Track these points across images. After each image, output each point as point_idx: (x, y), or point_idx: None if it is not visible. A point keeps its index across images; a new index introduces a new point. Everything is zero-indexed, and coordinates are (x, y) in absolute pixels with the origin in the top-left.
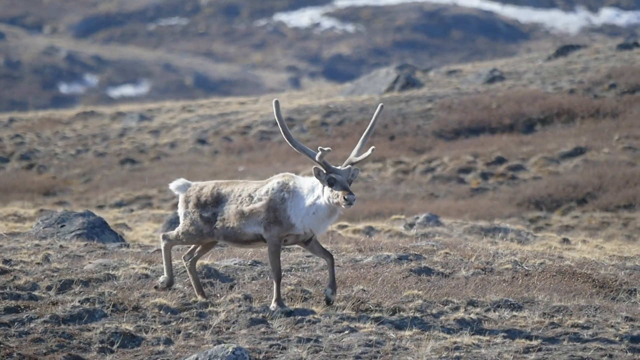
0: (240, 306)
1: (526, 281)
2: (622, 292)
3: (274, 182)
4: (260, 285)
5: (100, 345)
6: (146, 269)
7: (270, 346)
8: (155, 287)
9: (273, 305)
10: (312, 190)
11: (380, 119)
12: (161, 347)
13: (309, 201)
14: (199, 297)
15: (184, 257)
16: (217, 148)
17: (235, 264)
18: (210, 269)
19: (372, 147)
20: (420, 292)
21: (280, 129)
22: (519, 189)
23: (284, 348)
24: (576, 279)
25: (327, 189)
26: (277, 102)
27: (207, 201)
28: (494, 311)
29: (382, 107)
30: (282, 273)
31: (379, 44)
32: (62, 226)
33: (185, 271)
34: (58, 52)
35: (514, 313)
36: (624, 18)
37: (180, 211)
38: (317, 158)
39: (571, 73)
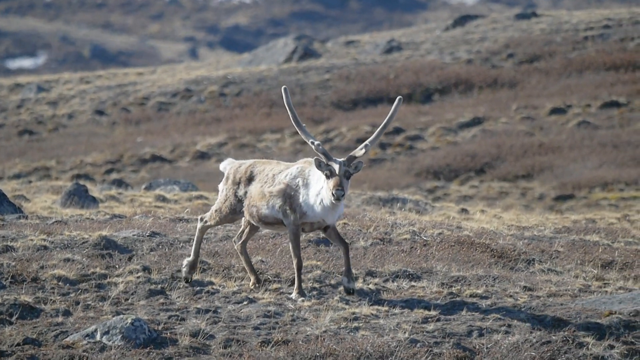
0: (139, 277)
1: (425, 251)
2: (520, 262)
3: (294, 167)
4: (159, 257)
5: None
6: (45, 240)
7: (169, 317)
8: (179, 272)
9: (295, 295)
10: (320, 178)
11: (397, 113)
12: (60, 319)
13: (316, 190)
14: (252, 279)
15: (234, 240)
16: (115, 119)
17: (134, 235)
18: (109, 240)
19: (367, 143)
20: (319, 263)
21: (290, 116)
22: (417, 159)
23: (183, 319)
24: (474, 249)
25: (325, 180)
26: (285, 89)
27: (241, 179)
28: (393, 281)
29: (400, 99)
30: (181, 244)
31: (277, 15)
32: None
33: (84, 243)
34: None
35: (413, 283)
36: None
37: (220, 187)
38: (314, 147)
39: (469, 43)
